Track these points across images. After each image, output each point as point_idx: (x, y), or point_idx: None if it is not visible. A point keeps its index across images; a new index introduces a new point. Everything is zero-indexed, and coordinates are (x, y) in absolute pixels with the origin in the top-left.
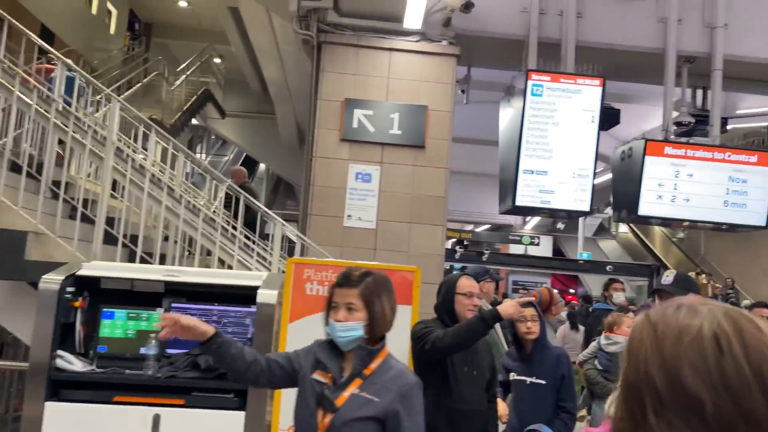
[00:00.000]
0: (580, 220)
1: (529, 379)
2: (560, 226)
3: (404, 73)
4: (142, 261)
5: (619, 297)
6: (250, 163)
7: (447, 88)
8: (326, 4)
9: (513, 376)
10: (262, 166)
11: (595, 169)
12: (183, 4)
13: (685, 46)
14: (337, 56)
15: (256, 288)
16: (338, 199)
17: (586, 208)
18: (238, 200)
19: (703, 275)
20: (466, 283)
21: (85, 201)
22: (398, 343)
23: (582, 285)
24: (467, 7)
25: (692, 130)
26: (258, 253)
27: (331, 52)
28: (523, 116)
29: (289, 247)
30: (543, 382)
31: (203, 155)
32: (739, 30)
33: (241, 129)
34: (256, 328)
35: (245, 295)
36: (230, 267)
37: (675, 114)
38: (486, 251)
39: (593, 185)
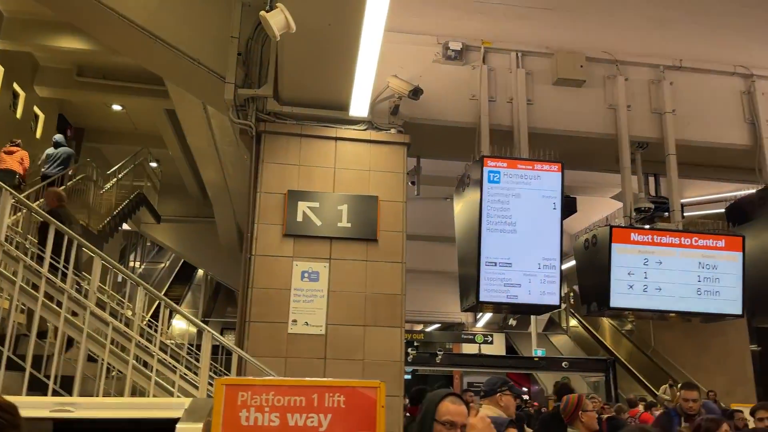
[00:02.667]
0: (532, 317)
1: None
2: (512, 322)
3: (352, 163)
4: (37, 387)
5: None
6: (188, 270)
7: (398, 178)
8: (265, 92)
9: None
10: (200, 272)
11: (561, 259)
12: (117, 107)
13: (636, 131)
14: (278, 146)
15: (174, 422)
16: (281, 303)
17: (556, 301)
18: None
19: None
20: (449, 409)
21: None
22: None
23: (536, 383)
24: (416, 94)
25: (652, 217)
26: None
27: (272, 142)
28: (482, 205)
29: (226, 360)
30: None
31: (137, 263)
32: (686, 116)
33: (178, 234)
34: None
35: (162, 430)
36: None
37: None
38: (439, 352)
39: (561, 276)
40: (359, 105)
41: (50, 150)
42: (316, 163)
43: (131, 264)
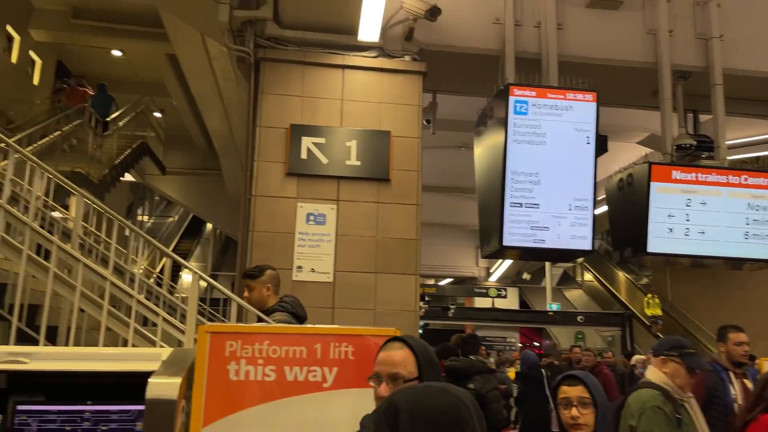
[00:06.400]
0: (547, 269)
1: None
2: (526, 276)
3: (361, 94)
4: (26, 338)
5: None
6: (197, 224)
7: (413, 111)
8: (264, 14)
9: None
10: (209, 226)
11: (595, 199)
12: (117, 53)
13: (679, 59)
14: (279, 75)
15: (147, 375)
16: (285, 247)
17: (588, 246)
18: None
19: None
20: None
21: None
22: None
23: (548, 337)
24: (433, 14)
25: (693, 156)
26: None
27: (272, 71)
28: (506, 139)
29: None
30: None
31: (145, 217)
32: (734, 42)
33: (185, 186)
34: None
35: (137, 385)
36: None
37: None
38: (451, 306)
39: (594, 218)
40: (369, 28)
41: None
42: (322, 95)
43: (138, 218)
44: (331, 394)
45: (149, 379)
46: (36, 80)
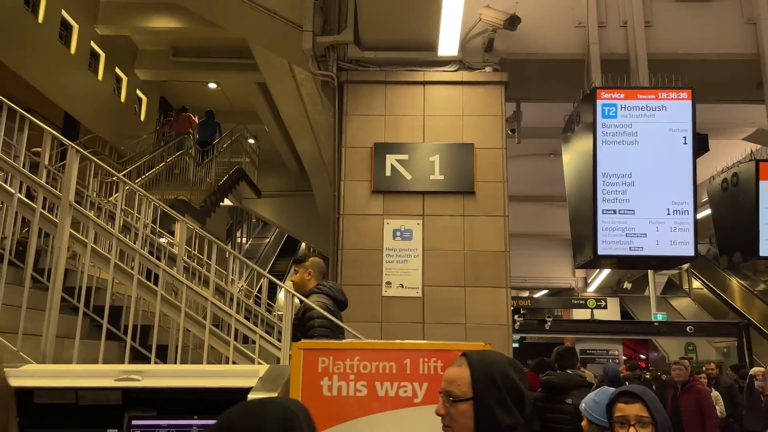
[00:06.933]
0: (651, 277)
1: None
2: (627, 286)
3: (443, 108)
4: (139, 356)
5: None
6: (292, 244)
7: (496, 122)
8: (345, 38)
9: None
10: (303, 246)
11: (696, 202)
12: (212, 85)
13: None
14: (361, 96)
15: (247, 391)
16: (373, 264)
17: (690, 252)
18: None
19: None
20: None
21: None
22: None
23: (655, 349)
24: (512, 23)
25: None
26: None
27: (355, 92)
28: (596, 145)
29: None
30: None
31: (244, 238)
32: None
33: (279, 208)
34: None
35: (238, 401)
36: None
37: None
38: (548, 318)
39: (695, 222)
40: (448, 43)
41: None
42: (404, 112)
43: (237, 240)
44: (421, 410)
45: (249, 395)
46: (143, 116)
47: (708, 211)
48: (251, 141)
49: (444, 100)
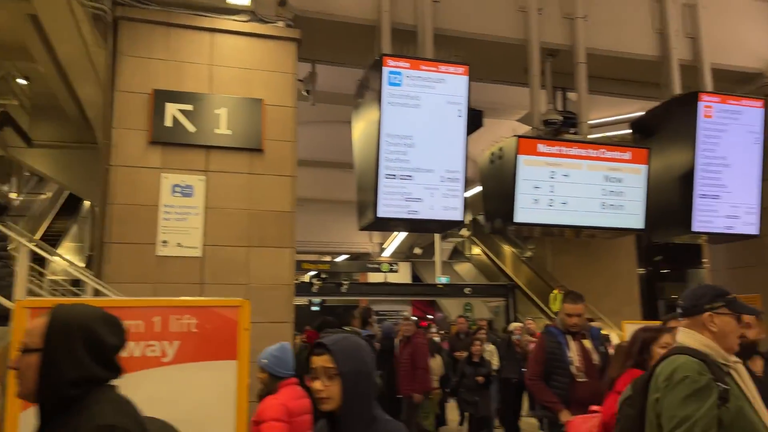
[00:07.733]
0: (437, 243)
1: None
2: (417, 251)
3: (232, 60)
4: None
5: None
6: (74, 201)
7: (287, 79)
8: None
9: None
10: (87, 204)
11: (465, 171)
12: None
13: (547, 37)
14: (140, 36)
15: None
16: (148, 221)
17: (459, 216)
18: None
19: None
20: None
21: None
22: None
23: (439, 309)
24: None
25: (559, 131)
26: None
27: (132, 31)
28: (381, 110)
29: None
30: None
31: (14, 194)
32: (597, 22)
33: (57, 161)
34: None
35: None
36: None
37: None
38: (345, 282)
39: (464, 190)
40: None
41: None
42: (189, 59)
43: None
44: (170, 369)
45: None
46: None
47: None
48: (22, 82)
49: (234, 50)
